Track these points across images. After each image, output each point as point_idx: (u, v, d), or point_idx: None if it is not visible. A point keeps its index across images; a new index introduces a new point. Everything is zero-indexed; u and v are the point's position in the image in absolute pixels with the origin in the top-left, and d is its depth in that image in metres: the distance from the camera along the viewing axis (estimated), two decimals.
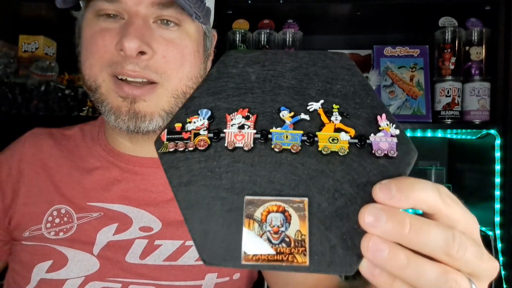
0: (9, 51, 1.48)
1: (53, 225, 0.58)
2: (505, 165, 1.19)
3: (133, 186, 0.61)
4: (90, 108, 1.39)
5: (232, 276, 0.61)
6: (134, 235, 0.58)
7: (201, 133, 0.29)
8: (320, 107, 0.30)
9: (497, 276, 1.08)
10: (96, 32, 0.53)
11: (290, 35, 1.34)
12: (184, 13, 0.53)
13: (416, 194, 0.24)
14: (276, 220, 0.25)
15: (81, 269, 0.55)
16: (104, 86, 0.53)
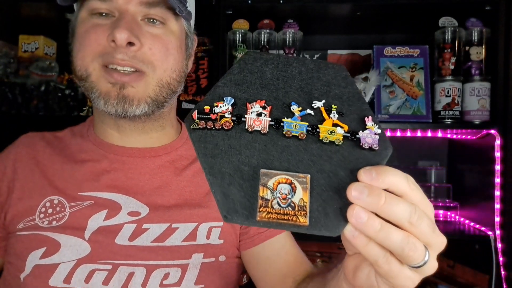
0: (9, 51, 1.48)
1: (46, 215, 0.61)
2: (505, 165, 1.19)
3: (121, 176, 0.64)
4: (90, 108, 1.39)
5: (218, 257, 0.63)
6: (123, 220, 0.61)
7: (226, 116, 0.35)
8: (322, 106, 0.37)
9: (497, 276, 1.07)
10: (90, 28, 0.58)
11: (290, 35, 1.34)
12: (169, 12, 0.60)
13: (390, 178, 0.32)
14: (284, 189, 0.32)
15: (73, 253, 0.58)
16: (95, 74, 0.58)
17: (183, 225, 0.63)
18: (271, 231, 0.69)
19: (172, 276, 0.59)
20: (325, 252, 1.53)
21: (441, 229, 1.16)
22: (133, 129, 0.66)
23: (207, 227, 0.65)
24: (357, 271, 0.37)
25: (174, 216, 0.63)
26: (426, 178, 1.56)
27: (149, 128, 0.67)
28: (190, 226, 0.63)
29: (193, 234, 0.63)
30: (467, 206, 1.40)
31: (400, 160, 1.59)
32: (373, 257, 0.32)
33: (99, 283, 0.57)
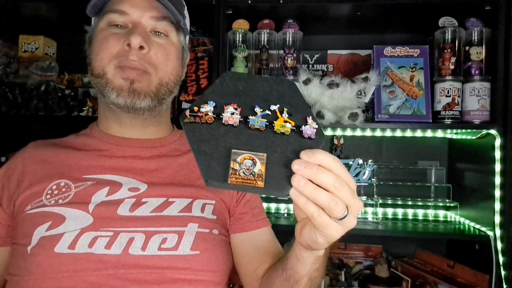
0: (9, 51, 1.48)
1: (52, 195, 0.68)
2: (505, 165, 1.19)
3: (122, 161, 0.74)
4: (90, 108, 1.39)
5: (211, 230, 0.71)
6: (124, 195, 0.69)
7: (209, 114, 0.50)
8: (277, 108, 0.52)
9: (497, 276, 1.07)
10: (108, 35, 0.71)
11: (290, 35, 1.34)
12: (171, 27, 0.75)
13: (320, 157, 0.44)
14: (248, 163, 0.46)
15: (77, 224, 0.64)
16: (110, 73, 0.70)
17: (179, 200, 0.71)
18: (262, 222, 0.80)
19: (169, 241, 0.66)
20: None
21: (441, 229, 1.16)
22: (134, 124, 0.76)
23: (201, 203, 0.73)
24: (302, 230, 0.51)
25: (170, 192, 0.72)
26: (426, 178, 1.57)
27: (147, 123, 0.77)
28: (185, 200, 0.71)
29: (189, 207, 0.71)
30: (467, 206, 1.40)
31: (400, 160, 1.59)
32: (310, 211, 0.45)
33: (101, 248, 0.62)
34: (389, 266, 1.36)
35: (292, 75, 1.31)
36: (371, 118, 1.33)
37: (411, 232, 1.31)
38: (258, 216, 0.80)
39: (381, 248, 1.51)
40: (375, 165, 1.45)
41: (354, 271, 1.43)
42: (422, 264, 1.41)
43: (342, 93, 1.29)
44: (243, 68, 1.32)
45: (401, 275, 1.32)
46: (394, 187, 1.55)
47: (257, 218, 0.80)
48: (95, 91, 1.43)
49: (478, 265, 1.24)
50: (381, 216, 1.42)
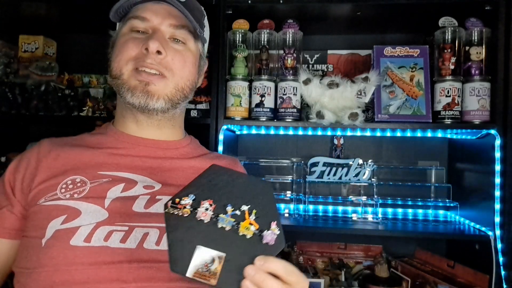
0: (9, 51, 1.48)
1: (67, 190, 0.68)
2: (505, 165, 1.19)
3: (137, 159, 0.75)
4: (90, 108, 1.39)
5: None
6: (138, 192, 0.71)
7: (187, 208, 0.56)
8: (247, 210, 0.57)
9: (497, 276, 1.07)
10: (129, 39, 0.74)
11: (290, 35, 1.34)
12: (189, 35, 0.77)
13: (272, 266, 0.51)
14: (208, 260, 0.52)
15: (92, 218, 0.65)
16: (127, 74, 0.73)
17: None
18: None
19: None
20: (325, 252, 1.53)
21: (441, 229, 1.16)
22: (150, 124, 0.78)
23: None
24: None
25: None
26: (426, 178, 1.57)
27: (162, 125, 0.79)
28: None
29: None
30: (467, 206, 1.40)
31: (400, 160, 1.59)
32: None
33: (117, 241, 0.63)
34: (389, 266, 1.36)
35: (292, 75, 1.32)
36: (371, 118, 1.33)
37: (411, 232, 1.31)
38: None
39: (381, 248, 1.51)
40: (375, 165, 1.45)
41: (354, 271, 1.44)
42: (422, 264, 1.41)
43: (342, 93, 1.29)
44: (243, 68, 1.32)
45: (401, 275, 1.32)
46: (394, 187, 1.55)
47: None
48: (96, 91, 1.45)
49: (478, 265, 1.24)
50: (381, 216, 1.42)
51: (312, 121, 1.28)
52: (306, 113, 1.32)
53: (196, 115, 1.36)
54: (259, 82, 1.31)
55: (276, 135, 1.64)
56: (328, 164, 1.46)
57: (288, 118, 1.30)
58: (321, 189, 1.59)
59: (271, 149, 1.65)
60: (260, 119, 1.31)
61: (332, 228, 1.33)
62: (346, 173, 1.43)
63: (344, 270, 1.38)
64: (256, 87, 1.31)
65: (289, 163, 1.61)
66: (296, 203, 1.48)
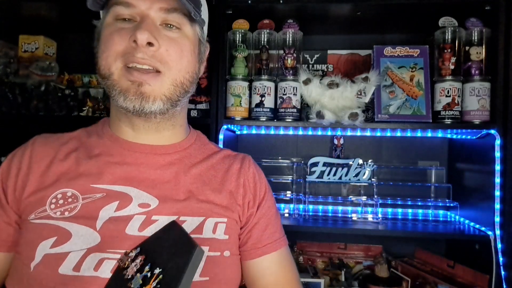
0: (9, 51, 1.48)
1: (57, 206, 0.63)
2: (505, 165, 1.19)
3: (134, 169, 0.68)
4: (90, 108, 1.39)
5: (223, 252, 0.67)
6: (133, 211, 0.64)
7: (127, 261, 0.58)
8: (156, 273, 0.54)
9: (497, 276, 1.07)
10: (114, 31, 0.64)
11: (290, 35, 1.34)
12: (184, 18, 0.67)
13: None
14: None
15: (83, 242, 0.60)
16: (117, 73, 0.63)
17: (190, 218, 0.66)
18: (263, 249, 0.73)
19: None
20: (325, 252, 1.53)
21: (441, 229, 1.16)
22: (147, 128, 0.70)
23: (213, 222, 0.68)
24: None
25: (182, 209, 0.67)
26: (426, 178, 1.57)
27: (161, 127, 0.72)
28: (197, 220, 0.67)
29: (200, 228, 0.66)
30: (467, 206, 1.40)
31: (400, 160, 1.59)
32: None
33: (107, 271, 0.59)
34: (389, 266, 1.36)
35: (292, 75, 1.32)
36: (371, 118, 1.33)
37: (411, 232, 1.31)
38: (272, 240, 0.75)
39: (381, 248, 1.51)
40: (375, 165, 1.45)
41: (354, 271, 1.44)
42: (422, 264, 1.41)
43: (342, 93, 1.29)
44: (243, 68, 1.32)
45: (401, 275, 1.32)
46: (394, 187, 1.55)
47: (259, 245, 0.74)
48: (96, 91, 1.45)
49: (478, 265, 1.24)
50: (381, 216, 1.42)
51: (312, 121, 1.28)
52: (306, 113, 1.32)
53: (196, 115, 1.36)
54: (259, 82, 1.31)
55: (276, 135, 1.64)
56: (328, 164, 1.46)
57: (288, 118, 1.30)
58: (321, 189, 1.59)
59: (271, 149, 1.65)
60: (260, 119, 1.31)
61: (332, 228, 1.33)
62: (346, 173, 1.43)
63: (344, 270, 1.38)
64: (256, 87, 1.31)
65: (289, 163, 1.61)
66: (296, 203, 1.48)
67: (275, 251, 0.74)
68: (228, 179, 0.74)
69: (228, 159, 0.78)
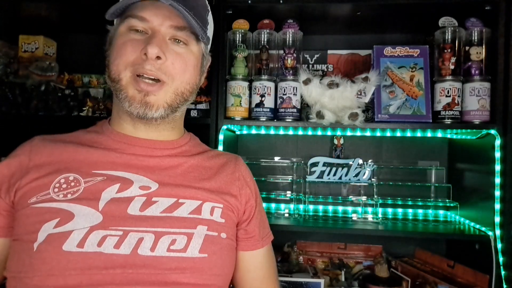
0: (9, 51, 1.48)
1: (60, 189, 0.66)
2: (505, 165, 1.19)
3: (133, 158, 0.73)
4: (90, 108, 1.39)
5: (220, 233, 0.71)
6: (134, 193, 0.69)
7: None
8: None
9: (497, 276, 1.07)
10: (127, 41, 0.71)
11: (290, 35, 1.34)
12: (192, 36, 0.74)
13: None
14: None
15: (86, 221, 0.63)
16: (125, 80, 0.70)
17: (189, 201, 0.71)
18: (262, 242, 0.81)
19: (178, 242, 0.66)
20: (325, 252, 1.53)
21: (441, 229, 1.16)
22: (147, 128, 0.76)
23: (210, 206, 0.73)
24: None
25: (180, 193, 0.71)
26: (426, 178, 1.57)
27: (161, 128, 0.77)
28: (195, 202, 0.72)
29: (198, 209, 0.71)
30: (467, 206, 1.40)
31: (400, 160, 1.59)
32: None
33: (110, 247, 0.62)
34: (389, 266, 1.36)
35: (292, 75, 1.32)
36: (371, 118, 1.33)
37: (411, 232, 1.31)
38: (265, 235, 0.83)
39: (381, 248, 1.51)
40: (375, 165, 1.45)
41: (354, 271, 1.44)
42: (422, 264, 1.41)
43: (342, 93, 1.29)
44: (243, 68, 1.32)
45: (401, 275, 1.32)
46: (394, 187, 1.55)
47: (264, 235, 0.83)
48: (96, 91, 1.45)
49: (478, 265, 1.24)
50: (381, 216, 1.42)
51: (312, 121, 1.28)
52: (306, 113, 1.32)
53: (196, 115, 1.36)
54: (259, 82, 1.31)
55: (276, 135, 1.64)
56: (328, 164, 1.46)
57: (288, 118, 1.30)
58: (321, 189, 1.59)
59: (271, 149, 1.65)
60: (260, 119, 1.31)
61: (332, 228, 1.33)
62: (346, 173, 1.43)
63: (344, 270, 1.38)
64: (256, 87, 1.31)
65: (289, 163, 1.61)
66: (296, 203, 1.48)
67: (267, 245, 0.83)
68: (224, 172, 0.80)
69: (222, 156, 0.85)
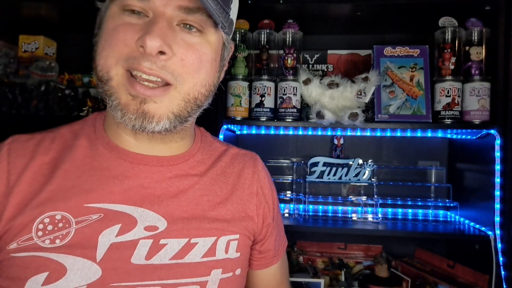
0: (9, 51, 1.48)
1: (45, 233, 0.52)
2: (505, 165, 1.19)
3: (136, 185, 0.58)
4: (90, 108, 1.39)
5: (235, 271, 0.62)
6: (138, 235, 0.55)
7: None
8: None
9: (497, 276, 1.07)
10: (119, 25, 0.52)
11: (290, 35, 1.34)
12: (208, 20, 0.54)
13: None
14: None
15: (82, 278, 0.51)
16: (116, 80, 0.52)
17: (202, 240, 0.59)
18: (279, 255, 0.74)
19: None
20: (325, 252, 1.53)
21: (441, 229, 1.16)
22: (151, 139, 0.60)
23: (226, 240, 0.62)
24: None
25: (193, 230, 0.59)
26: (426, 178, 1.57)
27: (168, 140, 0.61)
28: (209, 240, 0.60)
29: (213, 249, 0.60)
30: (467, 206, 1.40)
31: (400, 160, 1.59)
32: None
33: None
34: (389, 266, 1.36)
35: (292, 75, 1.32)
36: (371, 118, 1.33)
37: (411, 232, 1.31)
38: (280, 247, 0.76)
39: (381, 248, 1.51)
40: (375, 165, 1.45)
41: (354, 271, 1.44)
42: (422, 264, 1.41)
43: (342, 93, 1.29)
44: (243, 68, 1.32)
45: (401, 275, 1.32)
46: (394, 187, 1.55)
47: (276, 252, 0.74)
48: (96, 91, 1.45)
49: (478, 265, 1.24)
50: (381, 216, 1.42)
51: (312, 121, 1.28)
52: (306, 113, 1.32)
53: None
54: (259, 82, 1.31)
55: (276, 135, 1.64)
56: (328, 164, 1.46)
57: (288, 118, 1.30)
58: (321, 189, 1.59)
59: (271, 149, 1.65)
60: (260, 119, 1.31)
61: (332, 228, 1.33)
62: (346, 173, 1.43)
63: (344, 270, 1.38)
64: (256, 87, 1.31)
65: (289, 163, 1.61)
66: (296, 203, 1.48)
67: (282, 257, 0.76)
68: (240, 187, 0.67)
69: (237, 160, 0.71)
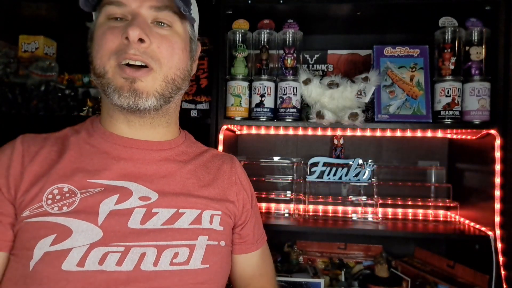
0: (9, 51, 1.48)
1: (54, 201, 0.62)
2: (505, 165, 1.19)
3: (130, 165, 0.69)
4: (90, 108, 1.40)
5: (219, 242, 0.71)
6: (134, 204, 0.65)
7: None
8: None
9: (497, 276, 1.07)
10: (106, 30, 0.66)
11: (290, 35, 1.34)
12: (175, 16, 0.69)
13: None
14: None
15: (85, 238, 0.60)
16: (111, 71, 0.65)
17: (189, 211, 0.69)
18: (257, 245, 0.83)
19: (181, 255, 0.65)
20: (325, 252, 1.53)
21: (441, 229, 1.16)
22: (142, 124, 0.71)
23: (209, 214, 0.71)
24: None
25: (180, 203, 0.69)
26: (426, 178, 1.57)
27: (156, 123, 0.73)
28: (195, 212, 0.70)
29: (198, 219, 0.69)
30: (467, 206, 1.40)
31: (400, 160, 1.59)
32: None
33: (112, 265, 0.59)
34: (389, 266, 1.36)
35: (292, 75, 1.32)
36: (371, 118, 1.33)
37: (411, 232, 1.31)
38: (259, 237, 0.85)
39: (381, 248, 1.51)
40: (375, 165, 1.45)
41: (354, 271, 1.44)
42: (422, 264, 1.41)
43: (342, 93, 1.29)
44: (243, 68, 1.32)
45: (401, 275, 1.32)
46: (394, 187, 1.55)
47: (258, 238, 0.84)
48: (96, 91, 1.45)
49: (478, 265, 1.24)
50: (381, 216, 1.42)
51: (312, 121, 1.28)
52: (306, 113, 1.32)
53: (196, 115, 1.36)
54: (259, 82, 1.31)
55: (276, 135, 1.64)
56: (328, 164, 1.46)
57: (288, 118, 1.30)
58: (321, 189, 1.59)
59: (271, 149, 1.65)
60: (260, 119, 1.31)
61: (332, 228, 1.33)
62: (346, 173, 1.43)
63: (344, 270, 1.38)
64: (256, 87, 1.31)
65: (289, 163, 1.61)
66: (296, 203, 1.48)
67: (262, 246, 0.84)
68: (220, 177, 0.78)
69: (217, 158, 0.83)
